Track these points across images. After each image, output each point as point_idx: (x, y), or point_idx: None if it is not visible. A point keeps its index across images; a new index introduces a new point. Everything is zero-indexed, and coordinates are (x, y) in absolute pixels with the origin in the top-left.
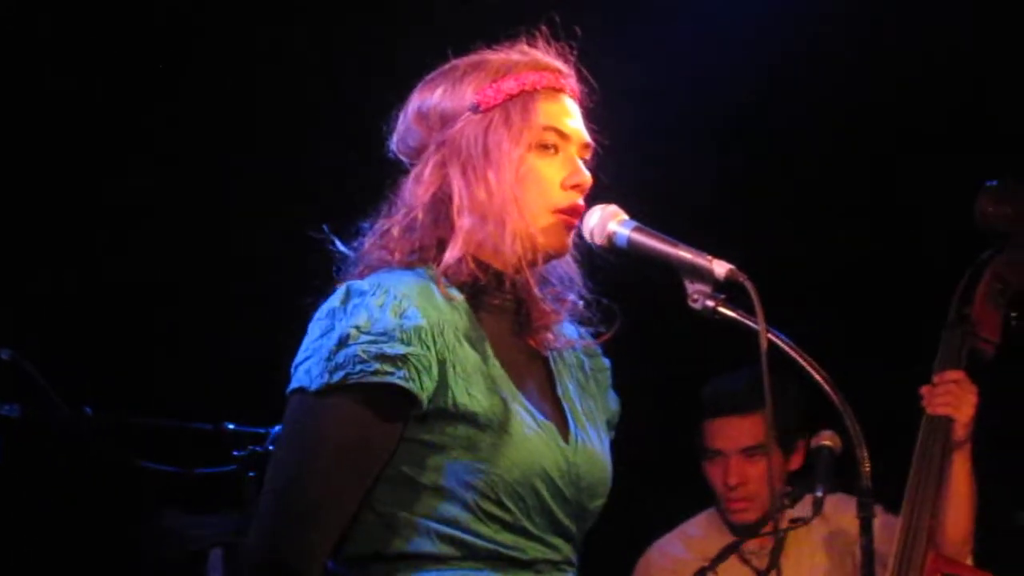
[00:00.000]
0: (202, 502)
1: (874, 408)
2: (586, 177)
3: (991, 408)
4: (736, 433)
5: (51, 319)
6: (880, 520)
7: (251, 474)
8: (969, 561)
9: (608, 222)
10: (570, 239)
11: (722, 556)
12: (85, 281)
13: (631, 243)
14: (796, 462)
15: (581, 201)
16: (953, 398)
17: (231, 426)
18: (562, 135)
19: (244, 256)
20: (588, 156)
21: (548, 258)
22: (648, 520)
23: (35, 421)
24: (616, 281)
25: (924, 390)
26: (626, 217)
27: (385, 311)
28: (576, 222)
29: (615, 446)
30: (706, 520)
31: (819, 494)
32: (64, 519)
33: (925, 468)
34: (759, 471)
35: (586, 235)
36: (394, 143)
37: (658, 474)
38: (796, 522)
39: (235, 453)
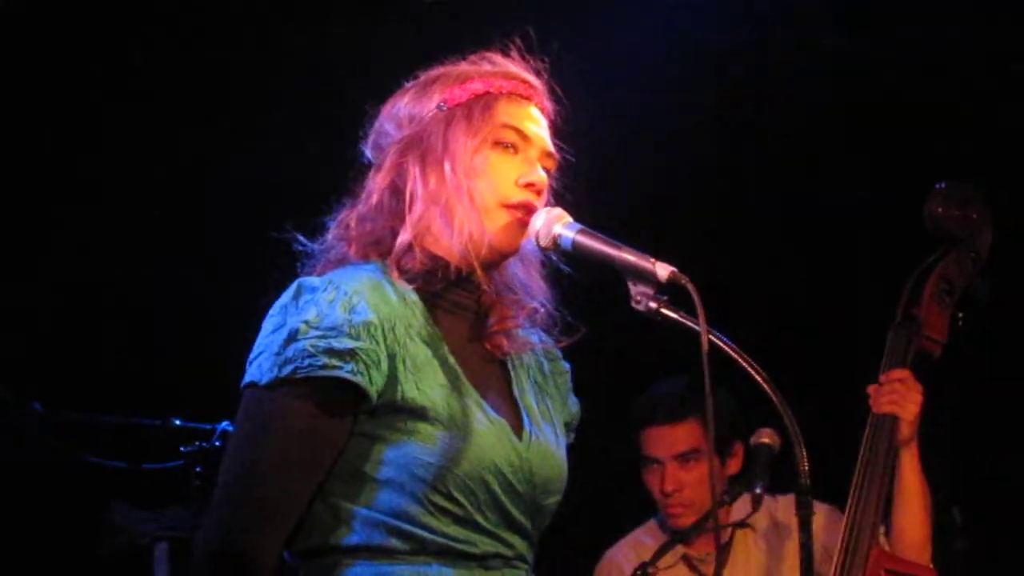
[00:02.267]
0: (149, 497)
1: (821, 406)
2: (541, 177)
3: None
4: (670, 440)
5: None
6: (827, 515)
7: (198, 469)
8: (928, 563)
9: (553, 224)
10: (522, 239)
11: (660, 552)
12: (33, 278)
13: (576, 245)
14: (733, 466)
15: (536, 202)
16: (899, 396)
17: (178, 422)
18: (523, 136)
19: (193, 254)
20: (551, 167)
21: (497, 253)
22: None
23: None
24: (579, 286)
25: (870, 389)
26: (571, 220)
27: (334, 306)
28: (526, 220)
29: (575, 448)
30: (655, 526)
31: (758, 491)
32: (12, 514)
33: (870, 466)
34: (694, 476)
35: (531, 236)
36: (368, 147)
37: (616, 480)
38: (740, 526)
39: (182, 449)
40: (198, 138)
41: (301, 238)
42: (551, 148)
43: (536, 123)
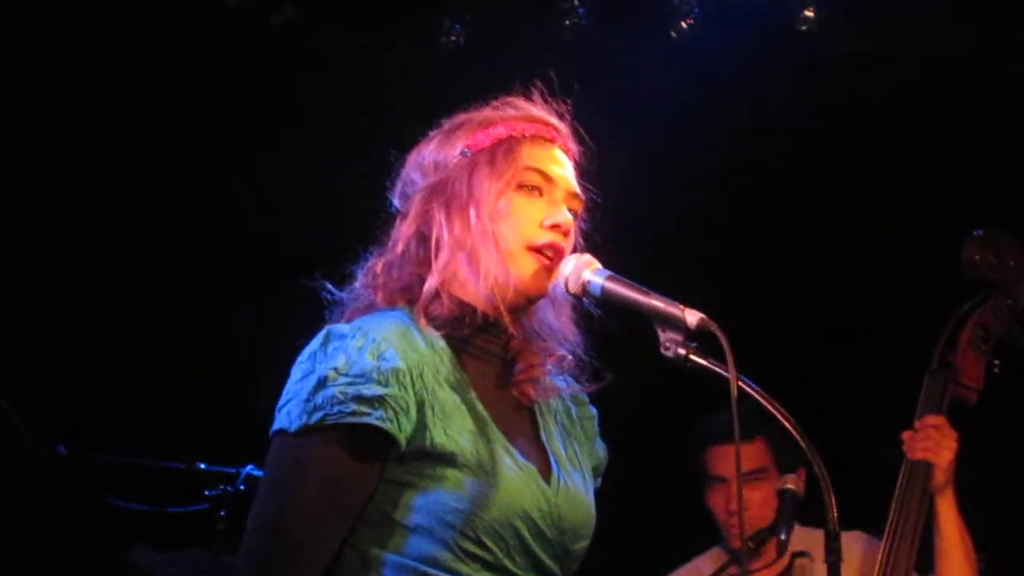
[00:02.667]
0: (172, 540)
1: (858, 452)
2: (567, 218)
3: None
4: (725, 461)
5: (25, 358)
6: (865, 544)
7: (222, 513)
8: None
9: (583, 271)
10: (549, 282)
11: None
12: (59, 320)
13: (604, 292)
14: (799, 488)
15: (563, 243)
16: (933, 443)
17: (203, 465)
18: (547, 178)
19: (220, 298)
20: (578, 208)
21: (524, 297)
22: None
23: (9, 459)
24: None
25: (905, 435)
26: (600, 266)
27: (363, 353)
28: (553, 264)
29: (602, 493)
30: (717, 553)
31: (783, 537)
32: (37, 556)
33: (904, 512)
34: (760, 495)
35: (560, 283)
36: (395, 196)
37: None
38: (799, 555)
39: (206, 492)
40: (227, 183)
41: (329, 286)
42: (576, 189)
43: (560, 165)
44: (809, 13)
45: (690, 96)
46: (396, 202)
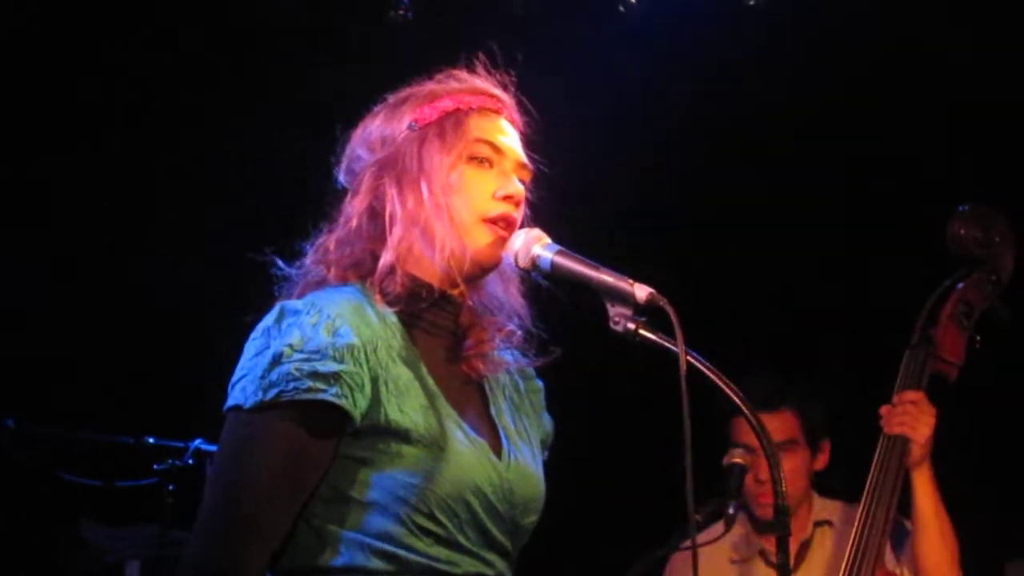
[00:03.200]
0: (121, 515)
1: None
2: (518, 189)
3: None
4: (748, 429)
5: None
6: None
7: (171, 487)
8: None
9: (532, 245)
10: (502, 251)
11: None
12: (6, 293)
13: (554, 266)
14: (821, 461)
15: (515, 213)
16: (911, 418)
17: (151, 440)
18: (496, 149)
19: (170, 272)
20: (526, 178)
21: (479, 269)
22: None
23: None
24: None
25: (883, 410)
26: (550, 241)
27: (318, 330)
28: (507, 234)
29: (550, 465)
30: (740, 520)
31: (731, 512)
32: None
33: (879, 487)
34: (788, 467)
35: (510, 257)
36: (341, 173)
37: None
38: (820, 524)
39: (155, 467)
40: (171, 163)
41: (280, 262)
42: (524, 159)
43: (507, 135)
44: None
45: (640, 68)
46: (342, 178)
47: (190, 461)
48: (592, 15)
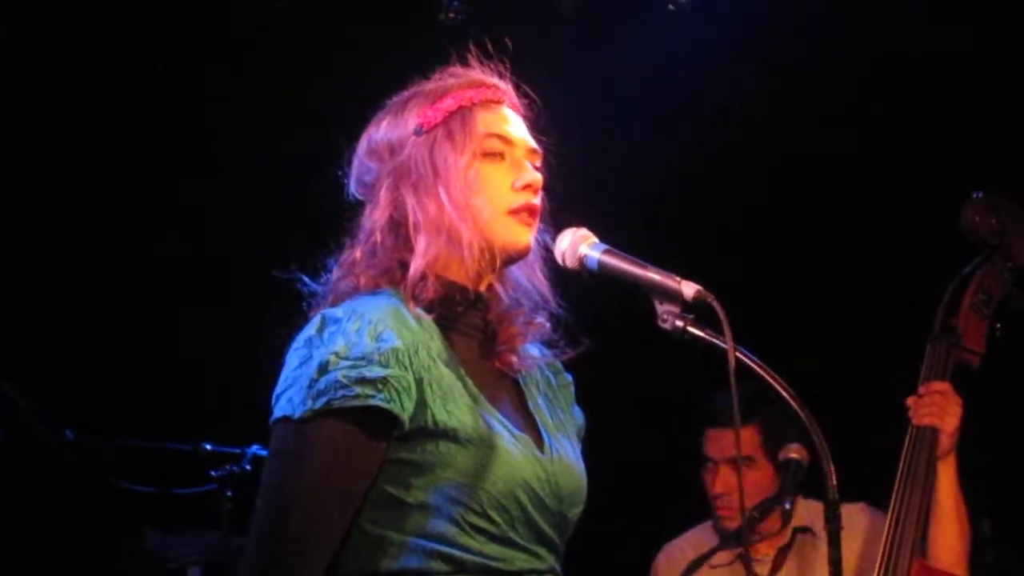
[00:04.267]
0: (181, 521)
1: (862, 419)
2: (536, 176)
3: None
4: (725, 443)
5: (32, 344)
6: (870, 516)
7: (229, 493)
8: None
9: (579, 245)
10: (530, 238)
11: (714, 551)
12: (66, 305)
13: (601, 265)
14: (802, 457)
15: (536, 200)
16: (938, 409)
17: (209, 446)
18: (506, 141)
19: (222, 279)
20: (537, 162)
21: (509, 259)
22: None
23: (17, 444)
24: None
25: (910, 401)
26: (596, 240)
27: (362, 335)
28: (532, 222)
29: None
30: (707, 529)
31: (787, 506)
32: (46, 540)
33: (910, 478)
34: (746, 481)
35: (558, 258)
36: (352, 185)
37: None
38: (802, 531)
39: (213, 473)
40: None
41: (305, 278)
42: (533, 144)
43: (513, 124)
44: None
45: (690, 64)
46: (353, 189)
47: (247, 467)
48: (642, 15)
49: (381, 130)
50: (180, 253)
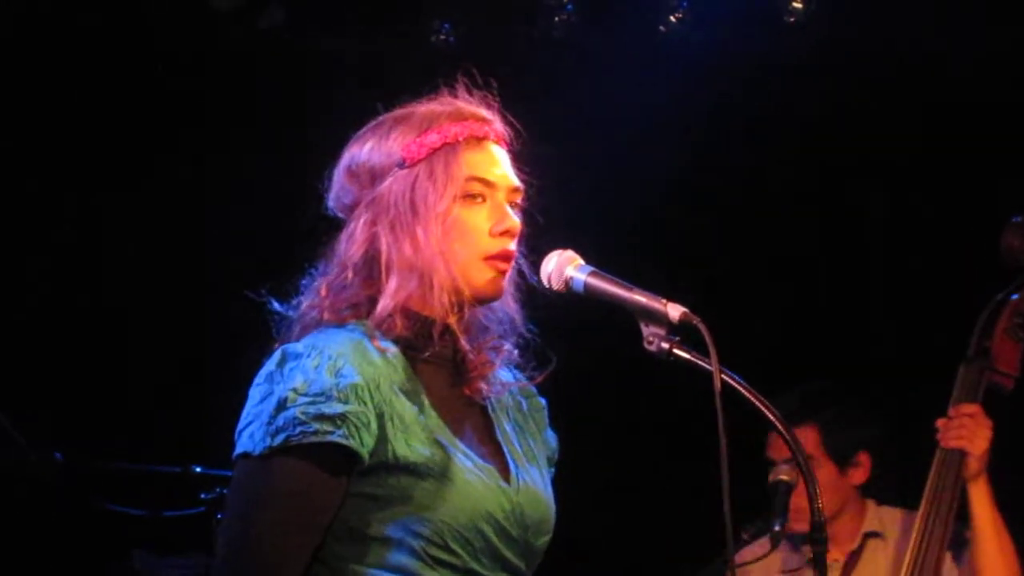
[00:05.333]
0: (170, 544)
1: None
2: (514, 223)
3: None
4: (781, 445)
5: (19, 365)
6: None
7: (219, 516)
8: None
9: (565, 267)
10: (503, 284)
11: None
12: (53, 327)
13: (587, 288)
14: (857, 476)
15: (512, 247)
16: (967, 431)
17: (198, 469)
18: (487, 184)
19: (210, 302)
20: (518, 200)
21: (479, 303)
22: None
23: (4, 466)
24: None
25: (939, 423)
26: (582, 262)
27: (321, 372)
28: (507, 268)
29: (556, 483)
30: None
31: (776, 528)
32: (35, 563)
33: (936, 501)
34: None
35: (544, 280)
36: (330, 201)
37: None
38: (872, 535)
39: (203, 496)
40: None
41: (274, 303)
42: (516, 182)
43: (497, 164)
44: (797, 4)
45: (679, 91)
46: (331, 205)
47: None
48: (632, 36)
49: (364, 152)
50: (168, 272)
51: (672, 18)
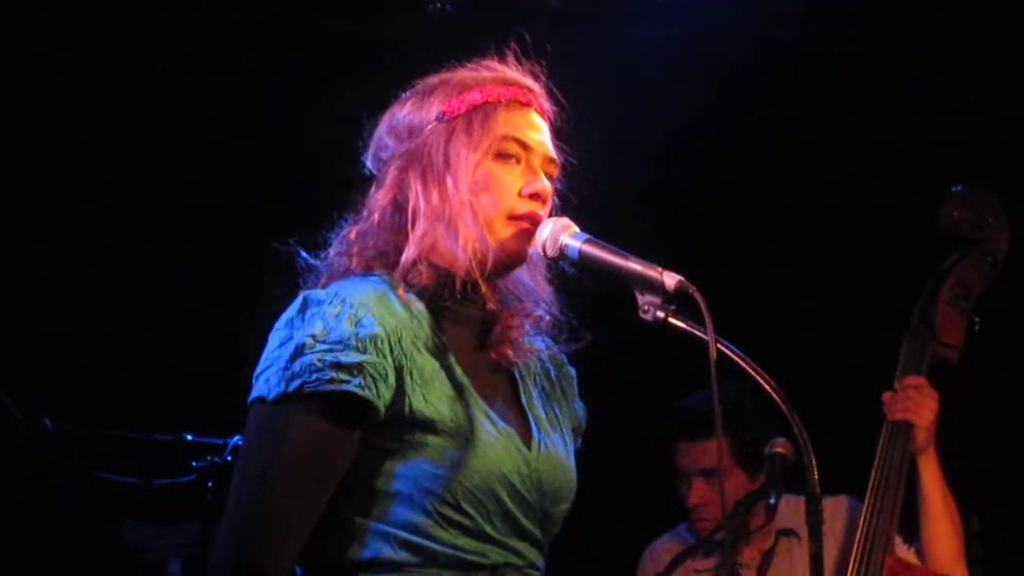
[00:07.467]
0: (161, 513)
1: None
2: (545, 186)
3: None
4: (696, 455)
5: (8, 332)
6: (852, 513)
7: (210, 484)
8: None
9: (560, 234)
10: (529, 247)
11: (673, 564)
12: (42, 293)
13: (582, 255)
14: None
15: (541, 211)
16: (914, 403)
17: (190, 437)
18: (524, 146)
19: (202, 268)
20: (554, 172)
21: (503, 265)
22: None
23: None
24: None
25: (885, 396)
26: (577, 230)
27: (341, 320)
28: (532, 229)
29: (582, 453)
30: (684, 534)
31: (772, 500)
32: (24, 530)
33: (885, 474)
34: (717, 493)
35: (538, 247)
36: (368, 158)
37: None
38: (785, 533)
39: (194, 464)
40: (217, 160)
41: (303, 253)
42: (553, 154)
43: (537, 130)
44: None
45: (679, 57)
46: (369, 164)
47: (229, 458)
48: (629, 6)
49: (405, 110)
50: (164, 243)
51: None
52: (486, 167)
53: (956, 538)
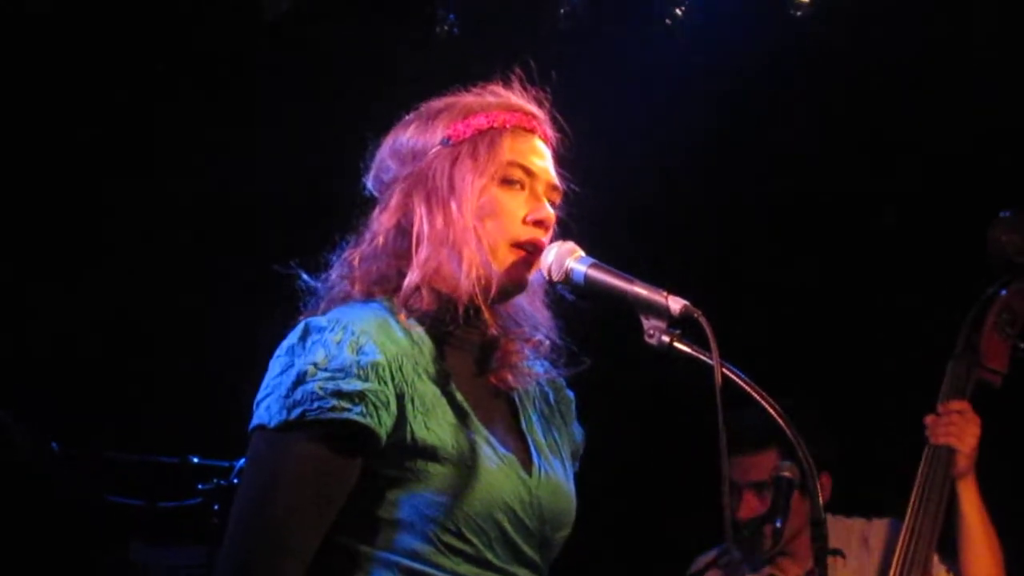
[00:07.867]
0: (167, 535)
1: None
2: (549, 214)
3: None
4: (746, 468)
5: (16, 355)
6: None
7: (216, 507)
8: None
9: (566, 259)
10: (530, 274)
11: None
12: (51, 317)
13: (588, 280)
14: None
15: (544, 238)
16: (956, 428)
17: (196, 459)
18: (528, 172)
19: (209, 292)
20: (557, 199)
21: (506, 291)
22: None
23: (1, 457)
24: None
25: (928, 420)
26: (583, 254)
27: (342, 347)
28: (534, 258)
29: (579, 477)
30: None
31: (778, 525)
32: (31, 552)
33: (925, 498)
34: (768, 506)
35: (543, 271)
36: (369, 180)
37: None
38: (832, 553)
39: (200, 486)
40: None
41: (304, 276)
42: (556, 181)
43: (541, 156)
44: None
45: (685, 81)
46: (370, 185)
47: (235, 480)
48: (636, 30)
49: (408, 133)
50: (168, 261)
51: (677, 11)
52: (491, 193)
53: (995, 563)
